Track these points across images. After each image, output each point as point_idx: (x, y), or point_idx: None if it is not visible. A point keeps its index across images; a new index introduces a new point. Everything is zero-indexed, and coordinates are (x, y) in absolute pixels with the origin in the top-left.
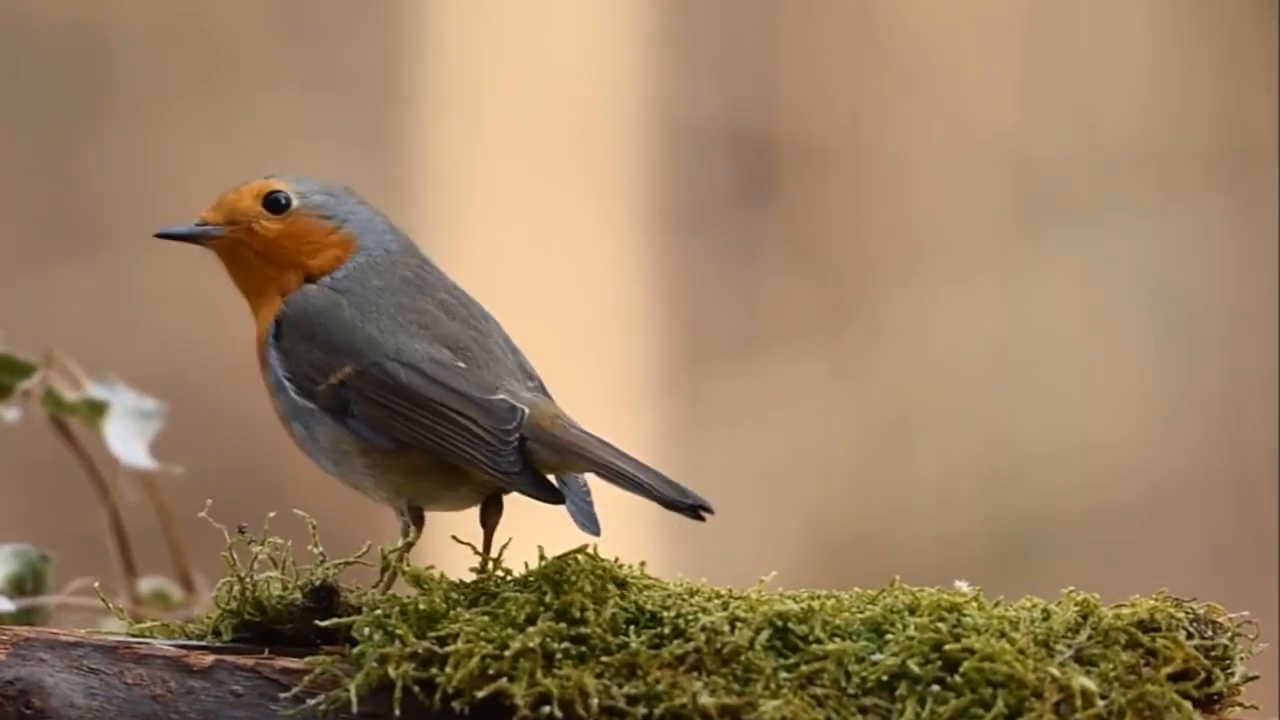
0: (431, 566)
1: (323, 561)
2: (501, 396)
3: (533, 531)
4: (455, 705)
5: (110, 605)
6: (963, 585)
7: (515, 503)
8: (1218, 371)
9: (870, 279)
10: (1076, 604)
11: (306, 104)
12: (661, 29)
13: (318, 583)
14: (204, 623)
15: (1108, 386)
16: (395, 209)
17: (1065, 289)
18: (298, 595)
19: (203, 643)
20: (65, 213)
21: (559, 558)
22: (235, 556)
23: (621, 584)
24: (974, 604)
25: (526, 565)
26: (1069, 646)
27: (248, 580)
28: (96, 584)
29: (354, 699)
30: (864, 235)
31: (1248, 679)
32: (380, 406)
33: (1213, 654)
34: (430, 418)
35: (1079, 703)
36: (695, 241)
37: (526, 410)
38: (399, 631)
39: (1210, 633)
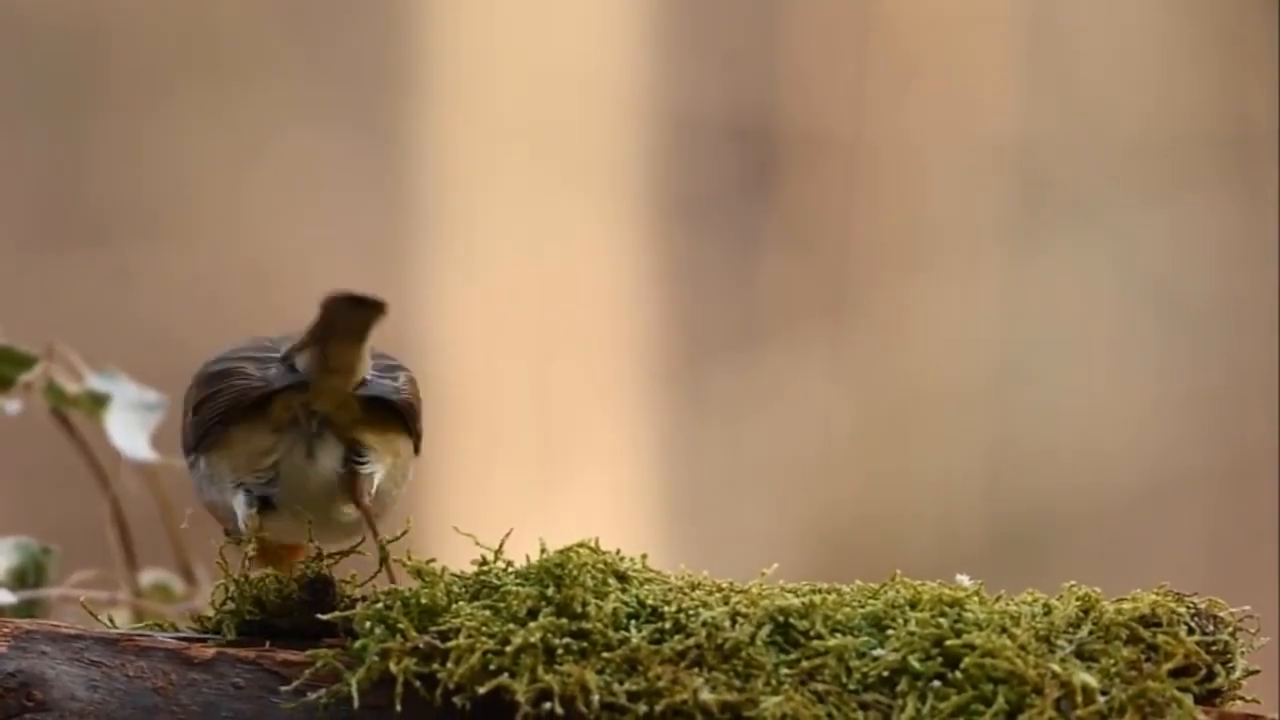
0: (433, 560)
1: (318, 555)
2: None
3: (534, 524)
4: (456, 701)
5: (96, 617)
6: (964, 579)
7: (516, 499)
8: (1219, 365)
9: (872, 272)
10: (1078, 598)
11: (306, 94)
12: (663, 19)
13: (313, 576)
14: (203, 623)
15: (1109, 380)
16: (394, 198)
17: (1067, 282)
18: (294, 589)
19: (204, 635)
20: (66, 205)
21: (561, 551)
22: (226, 558)
23: (623, 577)
24: (975, 599)
25: (528, 558)
26: (1070, 642)
27: (243, 579)
28: (82, 598)
29: (355, 693)
30: (866, 228)
31: (1249, 674)
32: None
33: (1214, 649)
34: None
35: (1080, 699)
36: (696, 234)
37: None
38: (400, 625)
39: (1211, 628)
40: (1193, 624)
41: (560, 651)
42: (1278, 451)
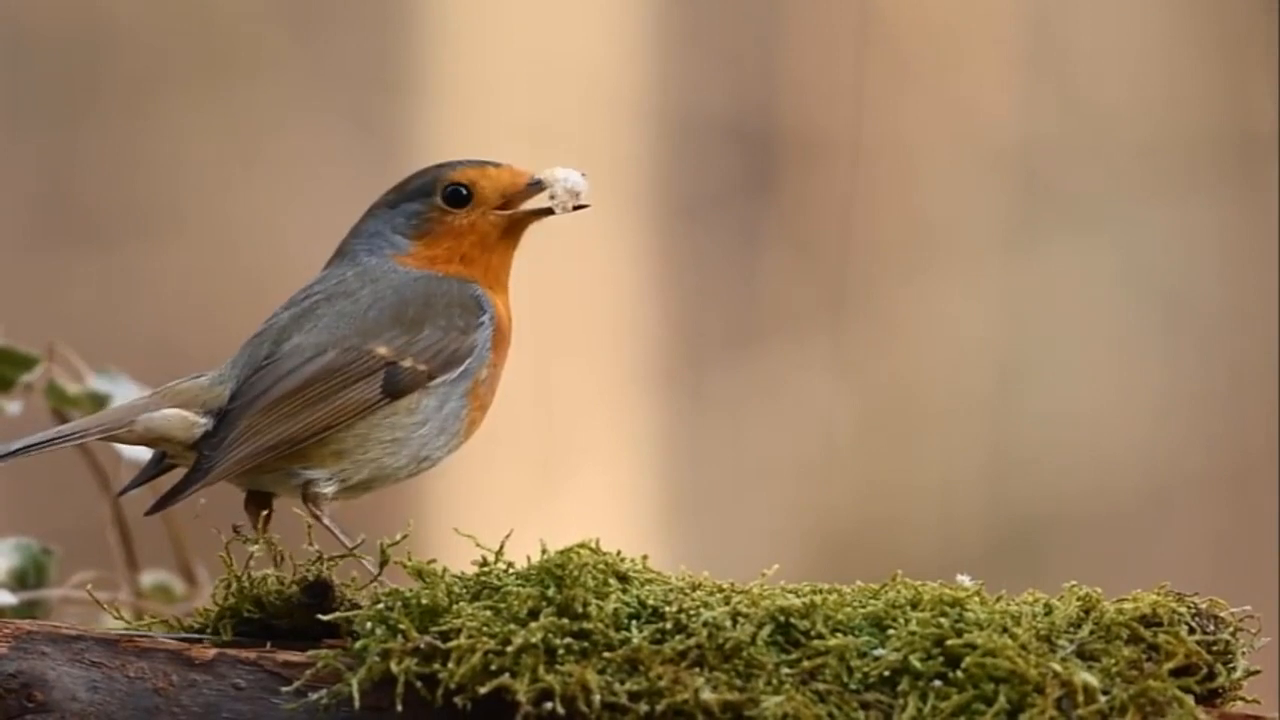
0: (434, 560)
1: (319, 558)
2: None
3: (535, 525)
4: (457, 701)
5: (104, 606)
6: (964, 579)
7: (517, 499)
8: (1220, 365)
9: (873, 272)
10: (1078, 598)
11: (307, 95)
12: (663, 20)
13: (313, 578)
14: (204, 615)
15: (1110, 380)
16: None
17: (1067, 283)
18: (294, 591)
19: (204, 635)
20: (67, 205)
21: (561, 551)
22: (231, 555)
23: (624, 578)
24: (976, 599)
25: (529, 559)
26: (1071, 641)
27: (244, 578)
28: (89, 586)
29: (356, 694)
30: (867, 229)
31: (1249, 673)
32: None
33: (1215, 649)
34: None
35: (1081, 698)
36: (697, 234)
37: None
38: (401, 626)
39: (1212, 627)
40: (1193, 624)
41: (561, 651)
42: (1278, 451)
